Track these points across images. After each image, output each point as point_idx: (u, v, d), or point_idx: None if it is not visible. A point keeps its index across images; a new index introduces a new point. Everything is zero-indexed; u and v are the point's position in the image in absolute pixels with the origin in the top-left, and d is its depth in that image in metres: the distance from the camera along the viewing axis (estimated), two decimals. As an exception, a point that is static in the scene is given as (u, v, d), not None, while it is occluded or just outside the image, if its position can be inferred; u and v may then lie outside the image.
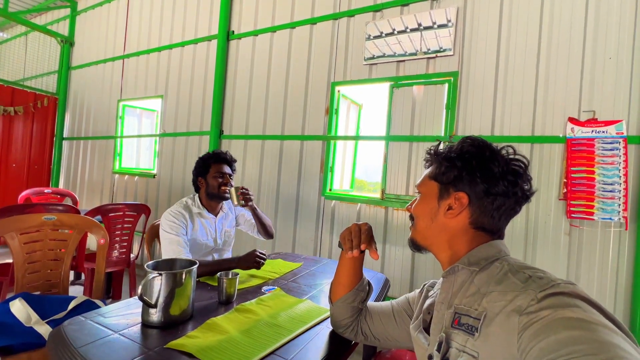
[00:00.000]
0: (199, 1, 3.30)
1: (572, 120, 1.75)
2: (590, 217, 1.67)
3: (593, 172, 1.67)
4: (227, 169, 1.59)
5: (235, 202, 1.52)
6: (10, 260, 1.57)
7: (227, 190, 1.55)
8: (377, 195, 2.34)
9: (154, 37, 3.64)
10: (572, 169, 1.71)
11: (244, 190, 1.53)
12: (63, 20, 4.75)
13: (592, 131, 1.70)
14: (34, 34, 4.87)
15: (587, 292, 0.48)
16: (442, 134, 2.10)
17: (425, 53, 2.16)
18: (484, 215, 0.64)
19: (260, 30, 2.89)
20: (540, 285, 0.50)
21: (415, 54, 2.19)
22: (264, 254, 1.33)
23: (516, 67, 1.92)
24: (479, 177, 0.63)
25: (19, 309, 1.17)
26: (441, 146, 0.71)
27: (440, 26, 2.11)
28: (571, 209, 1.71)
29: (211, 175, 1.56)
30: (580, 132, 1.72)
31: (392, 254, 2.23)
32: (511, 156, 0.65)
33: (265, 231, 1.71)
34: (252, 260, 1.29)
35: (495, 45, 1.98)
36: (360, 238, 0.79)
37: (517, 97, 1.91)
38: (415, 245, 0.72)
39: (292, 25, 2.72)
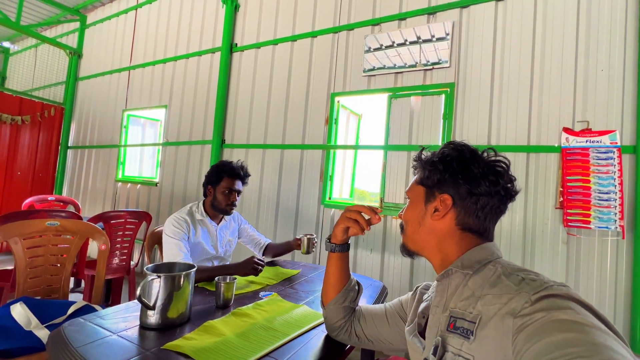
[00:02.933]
0: (204, 15, 3.42)
1: (566, 130, 1.78)
2: (587, 225, 1.67)
3: (589, 181, 1.69)
4: (238, 185, 1.58)
5: (305, 251, 1.63)
6: (12, 267, 1.59)
7: (300, 240, 1.66)
8: (376, 204, 2.36)
9: (160, 49, 3.75)
10: (567, 177, 1.73)
11: (315, 241, 1.67)
12: (72, 33, 4.90)
13: (587, 141, 1.72)
14: (43, 46, 5.03)
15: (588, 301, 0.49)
16: (440, 144, 2.13)
17: (422, 65, 2.22)
18: (469, 216, 0.65)
19: (262, 42, 2.97)
20: (534, 288, 0.51)
21: (412, 66, 2.25)
22: (262, 261, 1.34)
23: (511, 79, 1.97)
24: (461, 178, 0.65)
25: (20, 312, 1.19)
26: (425, 153, 0.74)
27: (436, 39, 2.18)
28: (568, 217, 1.72)
29: (220, 189, 1.55)
30: (575, 141, 1.75)
31: (391, 262, 2.23)
32: (492, 158, 0.67)
33: (274, 255, 1.77)
34: (249, 267, 1.30)
35: (490, 57, 2.04)
36: (368, 210, 0.81)
37: (513, 107, 1.95)
38: (407, 251, 0.74)
39: (294, 38, 2.80)
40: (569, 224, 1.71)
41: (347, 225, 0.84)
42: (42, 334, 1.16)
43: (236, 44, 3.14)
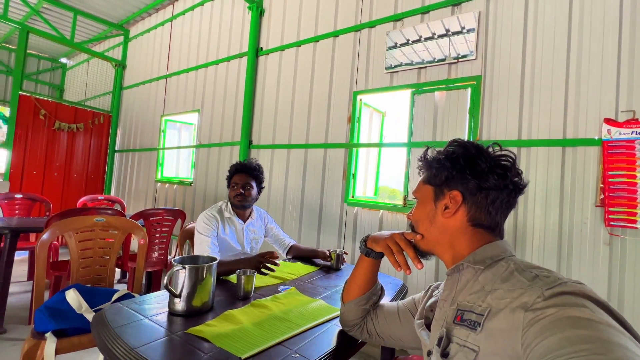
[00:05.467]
0: (231, 22, 3.58)
1: (608, 121, 1.64)
2: (633, 225, 1.53)
3: (634, 177, 1.54)
4: (243, 178, 1.66)
5: (335, 265, 1.61)
6: (69, 258, 1.80)
7: (329, 254, 1.64)
8: (400, 202, 2.33)
9: (192, 57, 3.99)
10: (609, 173, 1.59)
11: (344, 258, 1.66)
12: (117, 47, 5.37)
13: (633, 132, 1.57)
14: (93, 60, 5.56)
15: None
16: (466, 139, 2.05)
17: (447, 59, 2.15)
18: (480, 211, 0.65)
19: (286, 45, 3.05)
20: (547, 283, 0.50)
21: (436, 61, 2.19)
22: (275, 262, 1.34)
23: (544, 68, 1.84)
24: (469, 174, 0.65)
25: (72, 297, 1.35)
26: (429, 152, 0.74)
27: (461, 32, 2.10)
28: (610, 216, 1.58)
29: (231, 187, 1.69)
30: (619, 133, 1.60)
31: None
32: (497, 152, 0.67)
33: (296, 257, 1.77)
34: (254, 264, 1.31)
35: (520, 46, 1.92)
36: (414, 252, 0.73)
37: (546, 98, 1.83)
38: (420, 252, 0.73)
39: (316, 39, 2.84)
40: (611, 223, 1.58)
41: (389, 248, 0.77)
42: (91, 317, 1.31)
43: (261, 48, 3.25)
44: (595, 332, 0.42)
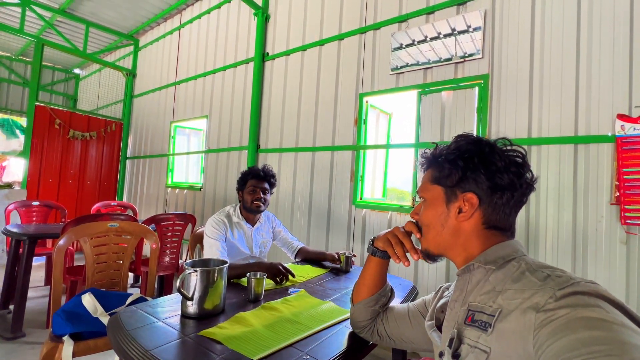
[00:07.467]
0: (237, 28, 3.64)
1: (621, 117, 1.60)
2: (651, 223, 1.49)
3: (651, 173, 1.50)
4: (262, 184, 1.69)
5: (344, 267, 1.62)
6: (84, 263, 1.85)
7: (338, 256, 1.65)
8: (409, 203, 2.32)
9: (200, 64, 4.06)
10: (624, 170, 1.56)
11: (352, 261, 1.66)
12: (128, 56, 5.50)
13: (648, 128, 1.53)
14: (105, 70, 5.72)
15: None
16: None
17: (453, 58, 2.13)
18: (495, 213, 0.63)
19: (292, 50, 3.08)
20: (559, 283, 0.49)
21: (442, 60, 2.18)
22: (291, 273, 1.35)
23: (553, 64, 1.82)
24: (484, 174, 0.62)
25: (88, 301, 1.39)
26: (429, 150, 0.73)
27: (467, 30, 2.08)
28: (626, 214, 1.54)
29: (246, 190, 1.69)
30: (632, 129, 1.56)
31: (425, 263, 2.17)
32: (508, 147, 0.64)
33: (305, 260, 1.77)
34: (272, 273, 1.32)
35: (528, 42, 1.90)
36: (410, 243, 0.76)
37: (556, 95, 1.80)
38: (430, 256, 0.71)
39: (321, 43, 2.86)
40: (628, 221, 1.53)
41: (388, 241, 0.80)
42: (106, 320, 1.34)
43: (267, 53, 3.29)
44: (609, 333, 0.40)
